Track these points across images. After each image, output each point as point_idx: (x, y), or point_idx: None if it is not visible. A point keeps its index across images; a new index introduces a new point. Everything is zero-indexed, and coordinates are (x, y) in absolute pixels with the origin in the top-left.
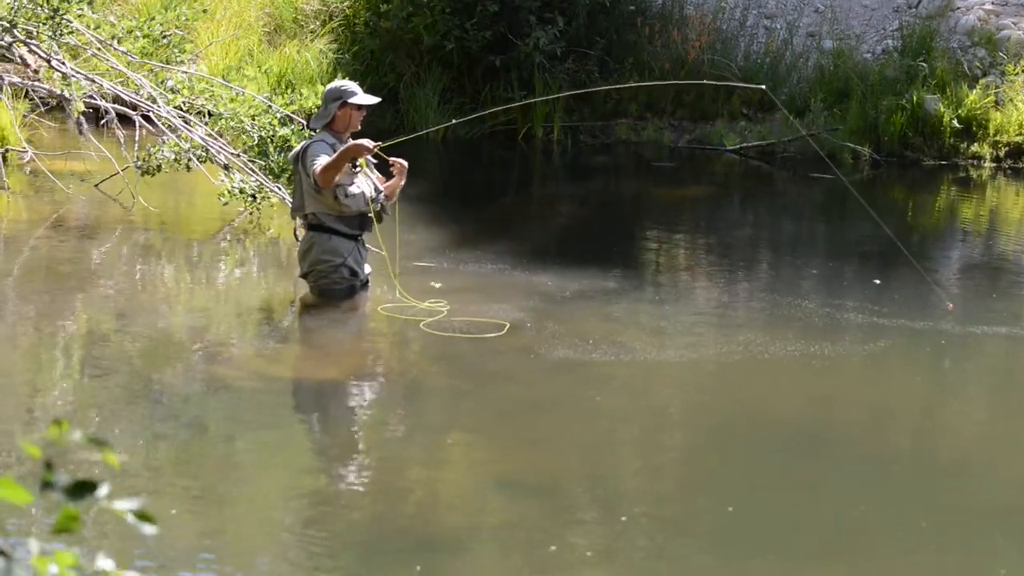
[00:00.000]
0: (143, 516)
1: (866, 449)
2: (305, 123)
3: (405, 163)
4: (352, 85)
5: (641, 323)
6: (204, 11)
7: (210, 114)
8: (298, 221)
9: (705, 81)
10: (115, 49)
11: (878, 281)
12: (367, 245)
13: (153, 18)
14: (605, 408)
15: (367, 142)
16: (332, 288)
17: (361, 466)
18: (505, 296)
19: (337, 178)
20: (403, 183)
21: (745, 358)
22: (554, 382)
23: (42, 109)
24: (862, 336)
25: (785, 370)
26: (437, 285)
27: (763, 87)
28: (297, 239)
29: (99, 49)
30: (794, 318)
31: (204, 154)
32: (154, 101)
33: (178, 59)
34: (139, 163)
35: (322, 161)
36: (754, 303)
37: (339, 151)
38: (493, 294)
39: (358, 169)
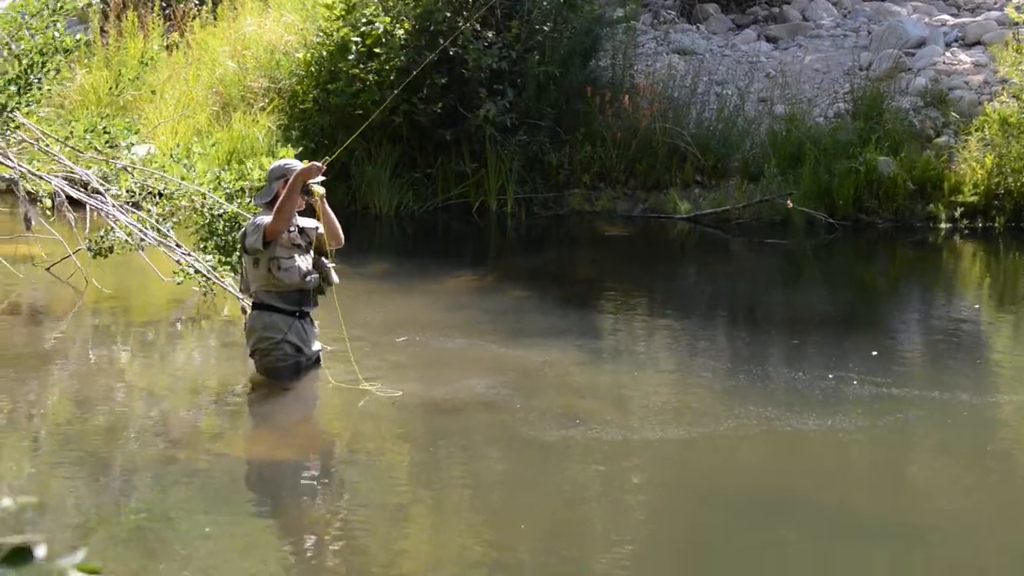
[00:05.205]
0: (88, 569)
1: (846, 520)
2: (252, 198)
3: (322, 189)
4: (296, 163)
5: (624, 395)
6: (153, 92)
7: (161, 195)
8: (247, 301)
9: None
10: (62, 144)
11: (875, 352)
12: (315, 324)
13: (105, 128)
14: (573, 483)
15: (314, 163)
16: (277, 366)
17: (322, 545)
18: (475, 371)
19: (291, 217)
20: (330, 211)
21: (702, 432)
22: (522, 457)
23: None
24: (825, 405)
25: (748, 443)
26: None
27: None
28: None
29: (43, 142)
30: (757, 389)
31: (157, 235)
32: (104, 185)
33: (128, 142)
34: (91, 245)
35: (267, 217)
36: (714, 374)
37: (288, 185)
38: (464, 369)
39: (311, 198)
